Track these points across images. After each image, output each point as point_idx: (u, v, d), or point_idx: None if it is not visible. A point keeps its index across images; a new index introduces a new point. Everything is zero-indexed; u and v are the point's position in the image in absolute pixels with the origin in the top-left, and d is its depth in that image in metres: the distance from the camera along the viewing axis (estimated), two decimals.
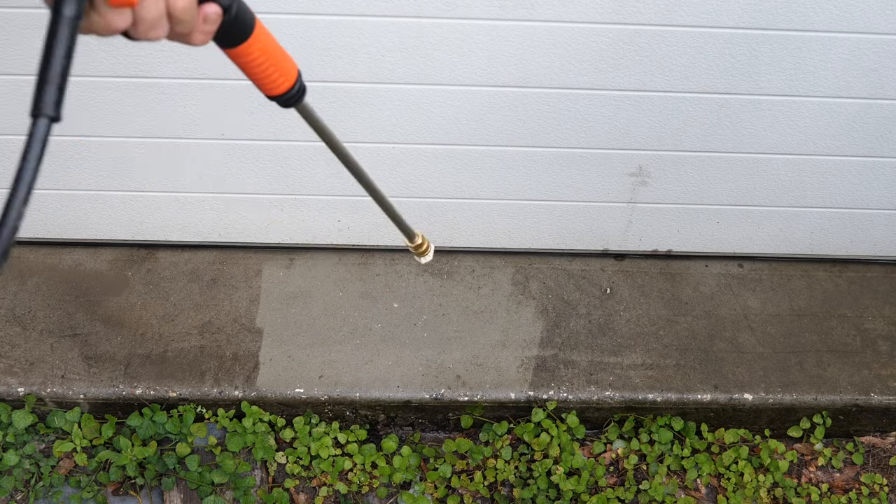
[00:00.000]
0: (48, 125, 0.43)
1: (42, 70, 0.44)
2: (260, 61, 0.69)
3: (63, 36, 0.44)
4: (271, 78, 0.71)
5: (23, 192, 0.42)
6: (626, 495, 1.79)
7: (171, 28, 0.56)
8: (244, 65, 0.69)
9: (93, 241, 2.00)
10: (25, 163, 0.43)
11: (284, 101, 0.74)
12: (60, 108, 0.44)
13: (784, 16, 1.50)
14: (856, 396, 1.80)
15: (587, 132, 1.73)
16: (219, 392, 1.73)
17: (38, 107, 0.44)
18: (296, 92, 0.74)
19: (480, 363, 1.81)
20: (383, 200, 1.03)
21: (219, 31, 0.62)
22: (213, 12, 0.58)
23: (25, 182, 0.42)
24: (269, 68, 0.70)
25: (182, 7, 0.55)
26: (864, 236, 2.01)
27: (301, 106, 0.77)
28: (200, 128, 1.71)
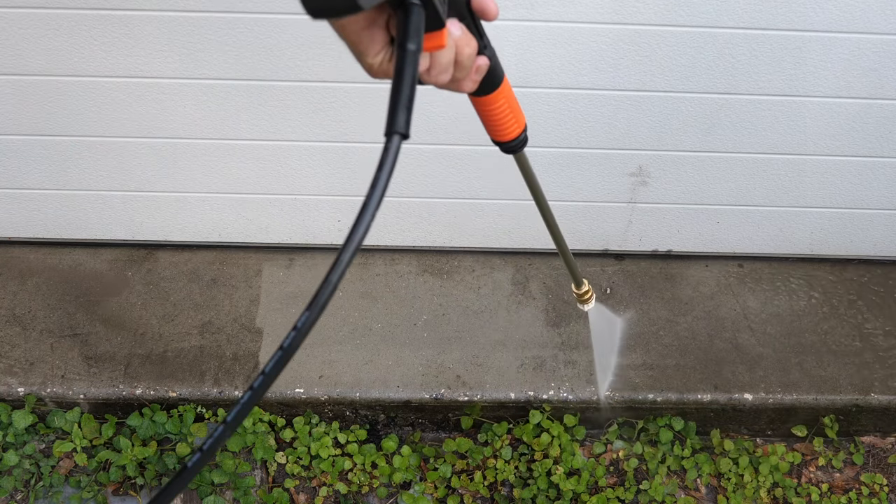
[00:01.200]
0: (400, 141, 0.51)
1: (393, 95, 0.52)
2: (502, 109, 0.78)
3: (409, 66, 0.52)
4: (507, 125, 0.80)
5: (377, 196, 0.49)
6: (626, 495, 1.79)
7: (452, 74, 0.64)
8: (489, 111, 0.78)
9: (93, 241, 2.00)
10: (381, 172, 0.49)
11: (511, 146, 0.83)
12: (409, 127, 0.52)
13: (784, 16, 1.50)
14: (856, 396, 1.80)
15: (587, 132, 1.73)
16: (219, 392, 1.73)
17: (392, 126, 0.51)
18: (523, 139, 0.83)
19: (480, 363, 1.81)
20: (564, 249, 1.14)
21: None
22: (484, 64, 0.67)
23: (380, 188, 0.49)
24: (507, 116, 0.79)
25: (467, 55, 0.63)
26: (864, 236, 2.01)
27: (520, 154, 0.87)
28: (200, 128, 1.71)
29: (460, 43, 0.62)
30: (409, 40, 0.52)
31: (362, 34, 0.57)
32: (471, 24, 0.64)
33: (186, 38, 1.54)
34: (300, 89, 1.64)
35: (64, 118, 1.69)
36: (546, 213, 1.03)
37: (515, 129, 0.81)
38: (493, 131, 0.81)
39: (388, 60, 0.59)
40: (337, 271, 0.47)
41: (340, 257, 0.47)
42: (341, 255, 0.47)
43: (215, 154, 1.78)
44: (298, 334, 0.47)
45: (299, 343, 0.47)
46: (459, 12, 0.62)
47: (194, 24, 1.51)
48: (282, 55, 1.57)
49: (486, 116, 0.79)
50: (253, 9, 1.49)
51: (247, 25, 1.52)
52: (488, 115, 0.79)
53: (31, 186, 1.85)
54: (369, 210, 0.48)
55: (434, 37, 0.57)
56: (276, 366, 0.47)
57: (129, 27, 1.51)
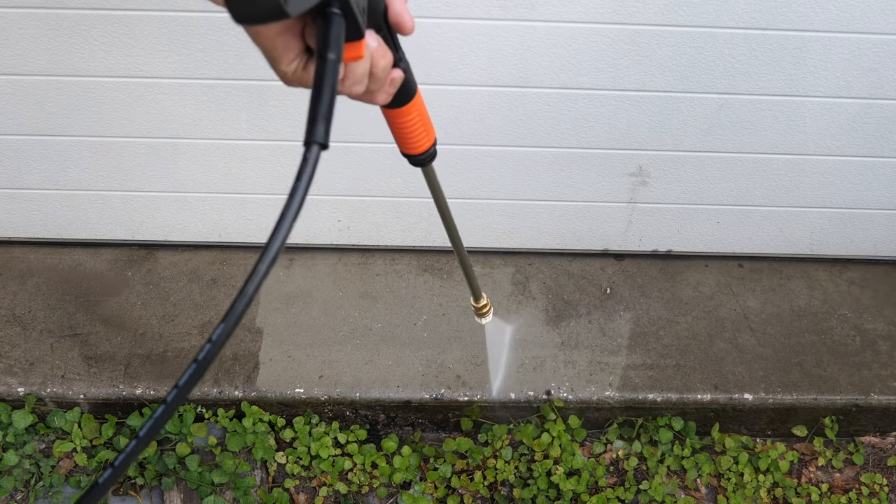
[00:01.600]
0: (318, 151, 0.51)
1: (312, 105, 0.52)
2: (414, 122, 0.78)
3: (329, 76, 0.52)
4: (418, 138, 0.81)
5: (295, 206, 0.49)
6: (626, 495, 1.79)
7: (367, 85, 0.63)
8: (401, 124, 0.78)
9: (93, 241, 2.00)
10: (299, 182, 0.49)
11: (421, 160, 0.84)
12: (328, 137, 0.52)
13: (784, 16, 1.51)
14: (856, 396, 1.80)
15: (587, 132, 1.73)
16: (219, 392, 1.73)
17: (311, 136, 0.51)
18: (432, 153, 0.84)
19: (480, 363, 1.81)
20: (464, 258, 1.14)
21: None
22: (398, 76, 0.68)
23: (298, 198, 0.49)
24: (419, 129, 0.80)
25: (382, 67, 0.63)
26: (864, 236, 2.01)
27: (429, 167, 0.88)
28: (200, 128, 1.71)
29: (376, 55, 0.61)
30: (329, 50, 0.52)
31: (276, 40, 0.56)
32: (387, 37, 0.64)
33: (186, 38, 1.54)
34: (300, 89, 1.63)
35: (64, 118, 1.69)
36: (450, 227, 1.04)
37: (426, 143, 0.82)
38: (403, 144, 0.82)
39: (303, 69, 0.59)
40: (253, 282, 0.47)
41: (257, 268, 0.46)
42: (258, 266, 0.46)
43: (215, 154, 1.78)
44: (213, 346, 0.46)
45: (214, 356, 0.47)
46: (377, 24, 0.62)
47: (194, 24, 1.51)
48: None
49: (398, 129, 0.79)
50: None
51: None
52: (399, 127, 0.79)
53: (31, 186, 1.85)
54: (287, 219, 0.48)
55: (352, 47, 0.57)
56: (191, 378, 0.46)
57: (129, 27, 1.51)
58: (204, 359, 0.46)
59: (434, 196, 0.96)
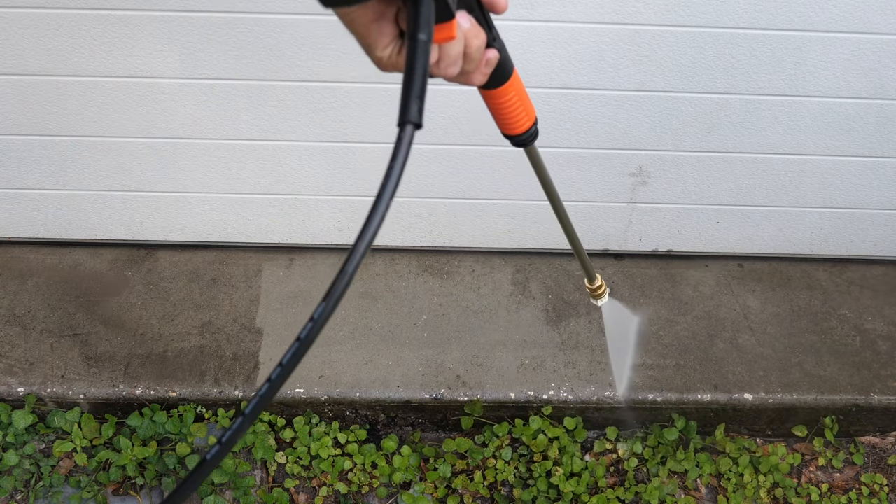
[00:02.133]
0: (413, 131, 0.51)
1: (406, 85, 0.52)
2: (512, 102, 0.78)
3: (421, 56, 0.52)
4: (518, 117, 0.80)
5: (392, 185, 0.49)
6: (626, 496, 1.79)
7: (461, 67, 0.63)
8: (500, 104, 0.78)
9: (93, 241, 2.00)
10: (395, 161, 0.50)
11: (522, 139, 0.83)
12: (422, 117, 0.52)
13: (784, 16, 1.51)
14: (856, 396, 1.80)
15: (587, 132, 1.73)
16: (219, 392, 1.73)
17: (405, 115, 0.51)
18: (534, 132, 0.84)
19: (480, 363, 1.81)
20: (576, 241, 1.13)
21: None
22: (494, 56, 0.67)
23: (395, 177, 0.49)
24: (518, 109, 0.79)
25: (476, 47, 0.62)
26: (864, 236, 2.01)
27: (531, 147, 0.87)
28: (200, 128, 1.71)
29: (469, 35, 0.61)
30: (420, 31, 0.52)
31: (371, 27, 0.57)
32: (479, 17, 0.64)
33: (186, 38, 1.54)
34: (300, 89, 1.64)
35: (64, 118, 1.69)
36: (558, 207, 1.03)
37: (526, 122, 0.81)
38: (503, 124, 0.81)
39: (398, 53, 0.59)
40: (353, 261, 0.48)
41: (357, 246, 0.47)
42: (357, 244, 0.47)
43: (215, 154, 1.78)
44: (315, 325, 0.47)
45: (316, 335, 0.48)
46: (468, 4, 0.62)
47: (194, 24, 1.51)
48: (282, 55, 1.57)
49: (497, 109, 0.79)
50: (253, 9, 1.49)
51: (247, 25, 1.52)
52: (498, 108, 0.79)
53: (31, 186, 1.85)
54: (384, 199, 0.49)
55: (444, 28, 0.57)
56: (294, 357, 0.48)
57: (129, 27, 1.51)
58: (306, 338, 0.47)
59: (539, 176, 0.94)
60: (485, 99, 0.78)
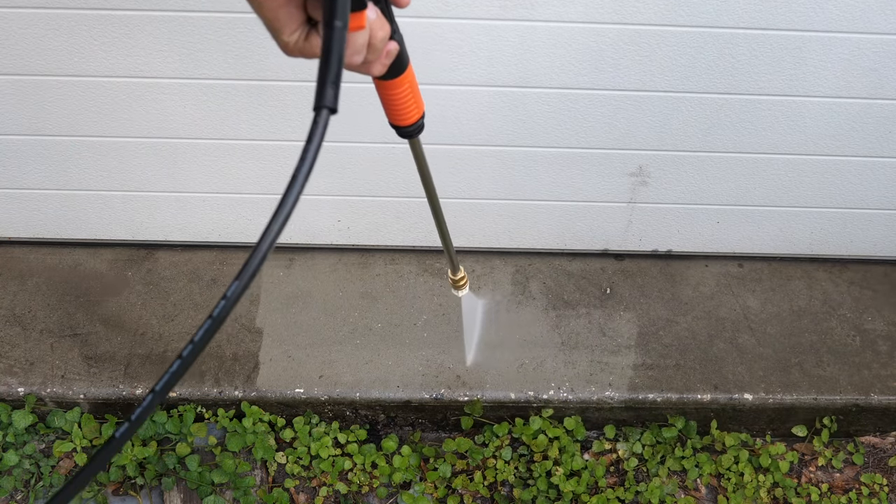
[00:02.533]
0: (328, 116, 0.53)
1: (321, 72, 0.53)
2: (405, 93, 0.81)
3: (337, 42, 0.54)
4: (408, 109, 0.83)
5: (306, 168, 0.50)
6: (626, 495, 1.79)
7: (365, 56, 0.65)
8: (393, 95, 0.81)
9: (93, 241, 2.00)
10: (310, 144, 0.51)
11: (409, 131, 0.86)
12: (337, 102, 0.53)
13: (784, 16, 1.50)
14: (856, 396, 1.80)
15: (587, 132, 1.73)
16: (219, 392, 1.73)
17: (320, 100, 0.53)
18: (420, 125, 0.87)
19: (480, 363, 1.81)
20: (444, 230, 1.17)
21: None
22: (394, 48, 0.70)
23: (309, 160, 0.51)
24: (409, 101, 0.82)
25: (380, 38, 0.65)
26: (864, 236, 2.01)
27: (415, 140, 0.91)
28: (200, 128, 1.71)
29: (375, 26, 0.64)
30: (337, 17, 0.54)
31: (280, 11, 0.59)
32: (384, 9, 0.67)
33: (186, 38, 1.54)
34: (300, 89, 1.64)
35: (64, 118, 1.69)
36: (434, 200, 1.07)
37: (415, 115, 0.85)
38: (393, 115, 0.84)
39: (304, 39, 0.61)
40: (266, 240, 0.49)
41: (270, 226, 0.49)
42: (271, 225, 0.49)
43: (215, 154, 1.78)
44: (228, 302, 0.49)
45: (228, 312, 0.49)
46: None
47: (194, 24, 1.51)
48: (282, 55, 1.56)
49: (389, 100, 0.82)
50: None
51: (247, 25, 1.52)
52: (391, 98, 0.81)
53: (31, 186, 1.85)
54: (298, 180, 0.50)
55: (355, 17, 0.59)
56: (205, 335, 0.49)
57: (129, 27, 1.51)
58: (219, 315, 0.49)
59: (419, 168, 0.99)
60: (378, 89, 0.81)
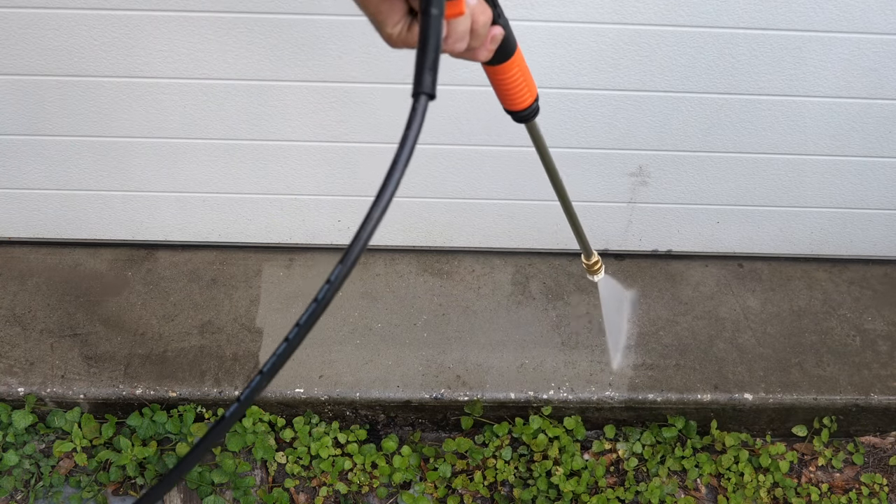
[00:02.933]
0: (426, 101, 0.54)
1: (420, 58, 0.55)
2: (516, 78, 0.80)
3: (433, 29, 0.55)
4: (520, 93, 0.83)
5: (406, 154, 0.51)
6: (626, 495, 1.79)
7: (468, 42, 0.66)
8: (503, 80, 0.80)
9: (93, 241, 2.00)
10: (409, 131, 0.52)
11: (524, 116, 0.86)
12: (435, 88, 0.54)
13: (784, 16, 1.51)
14: (856, 396, 1.80)
15: (587, 132, 1.73)
16: (219, 392, 1.73)
17: (419, 86, 0.54)
18: (535, 109, 0.86)
19: (480, 363, 1.81)
20: (573, 214, 1.15)
21: None
22: (499, 33, 0.70)
23: (409, 146, 0.52)
24: (521, 85, 0.82)
25: (482, 23, 0.66)
26: (864, 236, 2.01)
27: (532, 123, 0.89)
28: (200, 128, 1.71)
29: (476, 11, 0.64)
30: (433, 5, 0.55)
31: (382, 5, 0.60)
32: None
33: (187, 38, 1.54)
34: (300, 89, 1.64)
35: (64, 118, 1.69)
36: (556, 181, 1.04)
37: (528, 98, 0.84)
38: (506, 100, 0.84)
39: (407, 30, 0.62)
40: (367, 228, 0.50)
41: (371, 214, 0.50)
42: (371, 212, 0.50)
43: (215, 154, 1.78)
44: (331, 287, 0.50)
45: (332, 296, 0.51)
46: None
47: (194, 23, 1.51)
48: (282, 55, 1.57)
49: (500, 85, 0.81)
50: (253, 9, 1.49)
51: (247, 25, 1.52)
52: (502, 83, 0.81)
53: (31, 186, 1.85)
54: (398, 167, 0.51)
55: (453, 4, 0.60)
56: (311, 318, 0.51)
57: (130, 27, 1.51)
58: (323, 298, 0.50)
59: (539, 152, 0.96)
60: (489, 75, 0.81)
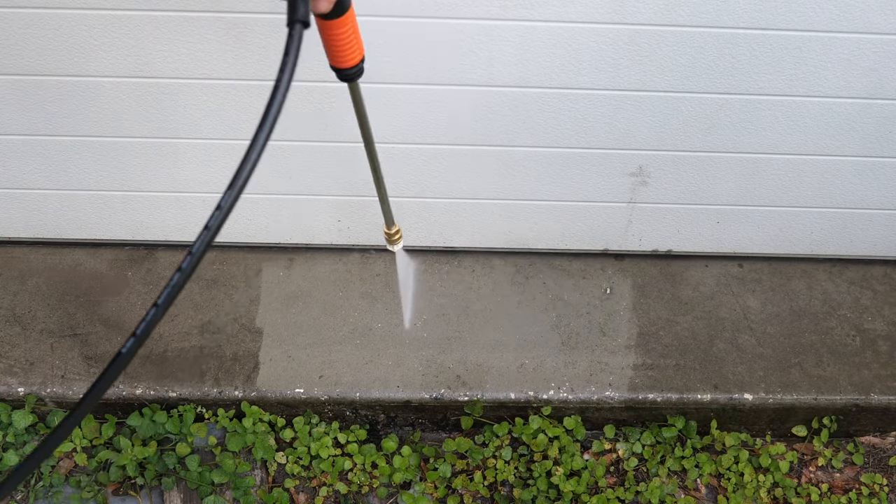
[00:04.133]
0: (302, 29, 0.57)
1: None
2: (348, 33, 0.83)
3: None
4: (350, 50, 0.86)
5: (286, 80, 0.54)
6: (626, 495, 1.79)
7: None
8: (336, 35, 0.83)
9: (93, 241, 2.00)
10: (288, 57, 0.56)
11: (350, 74, 0.89)
12: (309, 17, 0.57)
13: (784, 16, 1.50)
14: (856, 396, 1.80)
15: (587, 132, 1.73)
16: (219, 392, 1.73)
17: (294, 15, 0.57)
18: (360, 69, 0.89)
19: (480, 363, 1.81)
20: (380, 182, 1.18)
21: None
22: None
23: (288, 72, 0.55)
24: (351, 41, 0.85)
25: None
26: (863, 236, 2.01)
27: (355, 84, 0.92)
28: (200, 128, 1.71)
29: None
30: None
31: None
32: None
33: (187, 38, 1.54)
34: (300, 89, 1.63)
35: (64, 118, 1.68)
36: (370, 145, 1.08)
37: (357, 56, 0.87)
38: (335, 57, 0.87)
39: None
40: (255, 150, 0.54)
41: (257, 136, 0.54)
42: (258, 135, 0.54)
43: (215, 154, 1.78)
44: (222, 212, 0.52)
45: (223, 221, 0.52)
46: None
47: (194, 23, 1.51)
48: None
49: (332, 41, 0.84)
50: (253, 9, 1.49)
51: (247, 25, 1.52)
52: (334, 39, 0.84)
53: (31, 186, 1.85)
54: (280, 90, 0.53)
55: None
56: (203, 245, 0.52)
57: (130, 27, 1.51)
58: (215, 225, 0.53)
59: (358, 114, 1.00)
60: (322, 30, 0.84)
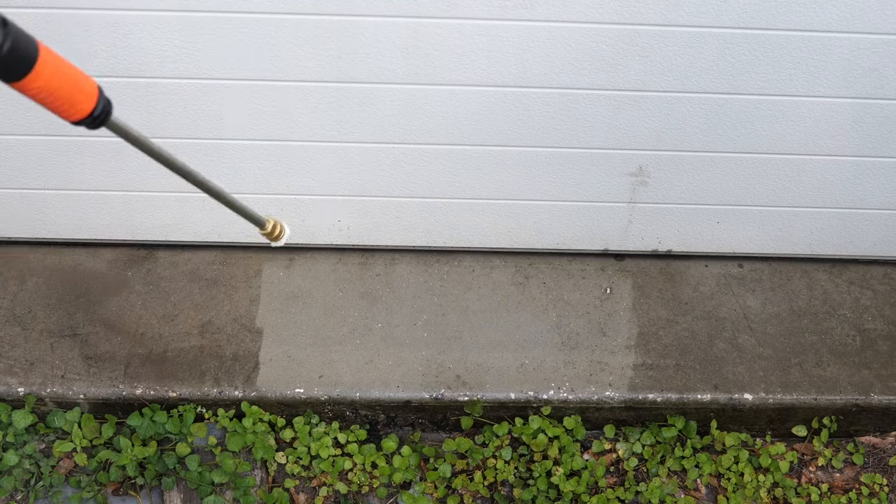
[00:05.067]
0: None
1: None
2: (55, 86, 0.64)
3: None
4: (76, 100, 0.67)
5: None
6: (626, 495, 1.79)
7: None
8: (39, 94, 0.65)
9: (93, 241, 2.00)
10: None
11: (94, 119, 0.70)
12: None
13: (784, 16, 1.51)
14: (856, 396, 1.80)
15: (587, 132, 1.73)
16: (219, 392, 1.73)
17: None
18: (103, 108, 0.70)
19: (480, 363, 1.81)
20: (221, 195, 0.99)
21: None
22: None
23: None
24: (68, 91, 0.65)
25: None
26: (863, 236, 2.01)
27: (112, 122, 0.73)
28: (200, 128, 1.71)
29: None
30: None
31: None
32: None
33: (188, 39, 1.54)
34: (300, 89, 1.64)
35: None
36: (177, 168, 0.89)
37: (87, 102, 0.69)
38: (63, 114, 0.69)
39: None
40: None
41: None
42: None
43: (216, 153, 1.78)
44: None
45: None
46: None
47: (194, 23, 1.51)
48: (282, 55, 1.57)
49: (42, 100, 0.67)
50: (253, 9, 1.49)
51: (247, 25, 1.52)
52: (42, 98, 0.66)
53: (32, 186, 1.85)
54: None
55: None
56: None
57: (130, 27, 1.51)
58: None
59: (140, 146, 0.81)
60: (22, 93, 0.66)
